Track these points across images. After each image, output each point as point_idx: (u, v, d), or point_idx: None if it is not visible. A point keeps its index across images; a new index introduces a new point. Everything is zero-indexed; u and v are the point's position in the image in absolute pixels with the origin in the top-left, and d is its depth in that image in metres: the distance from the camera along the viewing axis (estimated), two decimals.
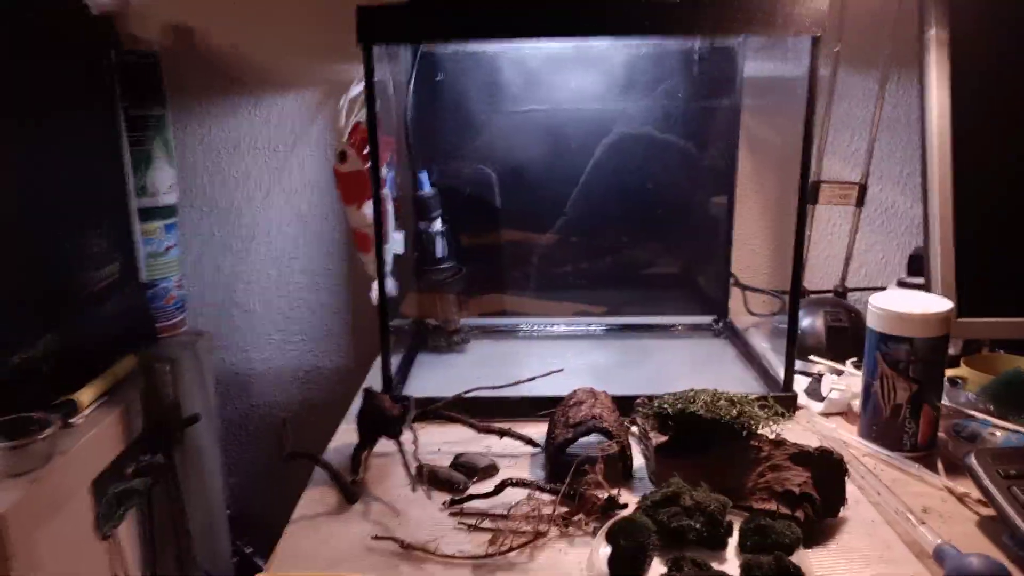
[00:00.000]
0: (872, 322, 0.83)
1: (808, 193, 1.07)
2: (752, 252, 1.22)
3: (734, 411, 0.73)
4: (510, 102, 1.11)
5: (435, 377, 1.04)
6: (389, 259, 0.99)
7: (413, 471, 0.77)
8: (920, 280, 1.04)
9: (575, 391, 0.86)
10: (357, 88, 0.96)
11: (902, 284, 1.08)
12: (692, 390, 0.78)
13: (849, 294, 1.12)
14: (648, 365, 1.06)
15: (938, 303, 0.81)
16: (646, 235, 1.18)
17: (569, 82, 1.11)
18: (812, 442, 0.74)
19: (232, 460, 1.33)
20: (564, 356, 1.10)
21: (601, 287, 1.21)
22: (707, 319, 1.20)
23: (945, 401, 0.87)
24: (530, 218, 1.17)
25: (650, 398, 0.81)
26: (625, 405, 0.85)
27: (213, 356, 1.29)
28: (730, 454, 0.73)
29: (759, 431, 0.74)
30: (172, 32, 1.17)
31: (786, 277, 1.19)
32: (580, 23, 0.80)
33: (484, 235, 1.17)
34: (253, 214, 1.24)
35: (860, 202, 1.04)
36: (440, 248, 1.10)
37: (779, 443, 0.72)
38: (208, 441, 1.17)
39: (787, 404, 0.90)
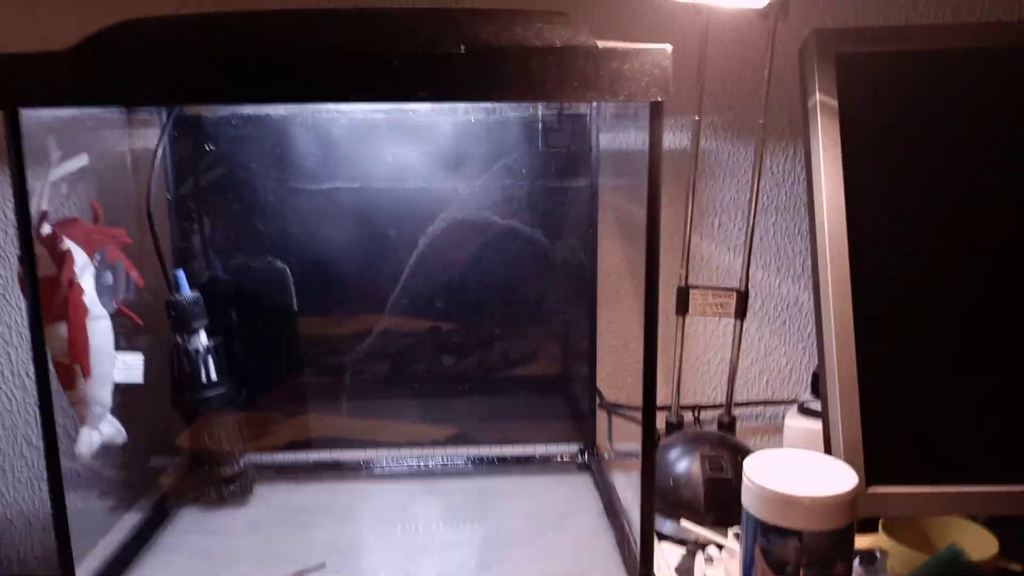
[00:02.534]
0: (748, 501, 0.58)
1: (677, 302, 0.85)
2: (621, 365, 0.98)
3: None
4: (306, 178, 0.86)
5: (179, 559, 0.75)
6: (104, 394, 0.72)
7: None
8: None
9: None
10: (61, 167, 0.69)
11: (805, 410, 0.85)
12: None
13: (739, 423, 0.89)
14: (480, 525, 0.80)
15: (839, 475, 0.58)
16: (490, 344, 0.93)
17: (383, 154, 0.87)
18: None
19: None
20: (375, 507, 0.84)
21: (436, 408, 0.95)
22: (571, 448, 0.95)
23: None
24: (339, 324, 0.91)
25: None
26: None
27: None
28: None
29: None
30: None
31: (667, 393, 0.97)
32: (312, 86, 0.56)
33: (277, 347, 0.90)
34: None
35: (741, 313, 0.81)
36: (205, 367, 0.82)
37: None
38: None
39: None
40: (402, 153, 0.86)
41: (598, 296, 0.92)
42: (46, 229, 0.66)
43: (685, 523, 0.74)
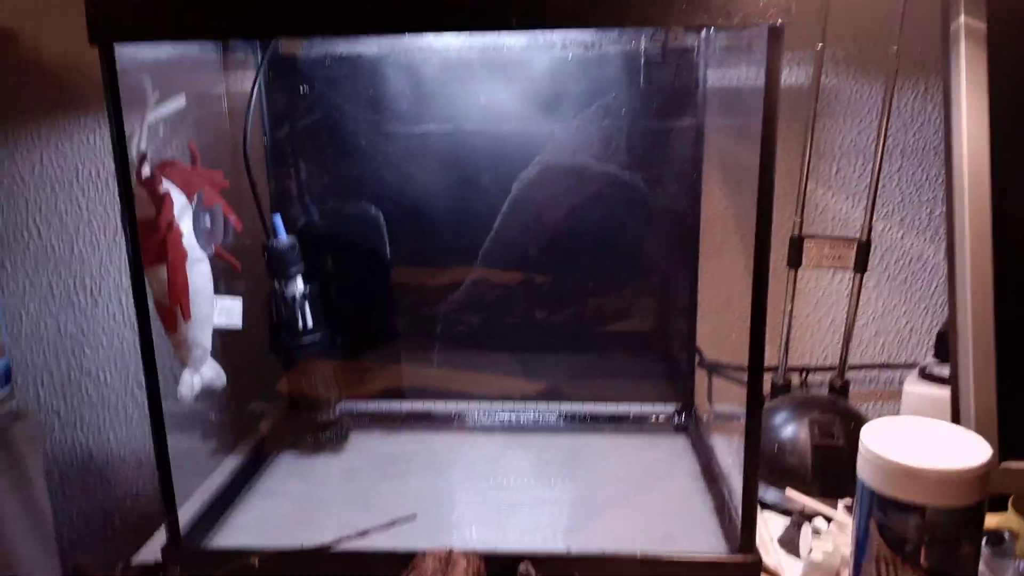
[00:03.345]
0: (864, 471, 0.53)
1: (790, 253, 0.79)
2: (723, 322, 0.92)
3: None
4: (400, 121, 0.84)
5: (278, 499, 0.77)
6: (204, 337, 0.73)
7: None
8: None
9: (423, 557, 0.58)
10: (161, 107, 0.69)
11: (927, 375, 0.78)
12: None
13: (851, 387, 0.82)
14: (571, 484, 0.78)
15: (969, 447, 0.52)
16: (585, 297, 0.90)
17: (477, 95, 0.83)
18: None
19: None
20: (466, 460, 0.83)
21: (529, 362, 0.93)
22: (668, 408, 0.91)
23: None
24: (431, 272, 0.89)
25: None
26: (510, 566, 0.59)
27: (53, 439, 1.04)
28: None
29: None
30: None
31: (773, 352, 0.91)
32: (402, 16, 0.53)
33: (370, 294, 0.90)
34: (99, 261, 0.99)
35: (861, 266, 0.74)
36: (302, 314, 0.83)
37: None
38: (34, 557, 0.92)
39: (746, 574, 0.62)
40: (496, 93, 0.83)
41: (701, 247, 0.87)
42: (146, 171, 0.66)
43: (791, 492, 0.69)
